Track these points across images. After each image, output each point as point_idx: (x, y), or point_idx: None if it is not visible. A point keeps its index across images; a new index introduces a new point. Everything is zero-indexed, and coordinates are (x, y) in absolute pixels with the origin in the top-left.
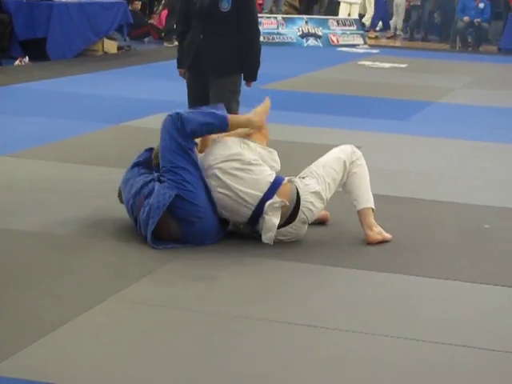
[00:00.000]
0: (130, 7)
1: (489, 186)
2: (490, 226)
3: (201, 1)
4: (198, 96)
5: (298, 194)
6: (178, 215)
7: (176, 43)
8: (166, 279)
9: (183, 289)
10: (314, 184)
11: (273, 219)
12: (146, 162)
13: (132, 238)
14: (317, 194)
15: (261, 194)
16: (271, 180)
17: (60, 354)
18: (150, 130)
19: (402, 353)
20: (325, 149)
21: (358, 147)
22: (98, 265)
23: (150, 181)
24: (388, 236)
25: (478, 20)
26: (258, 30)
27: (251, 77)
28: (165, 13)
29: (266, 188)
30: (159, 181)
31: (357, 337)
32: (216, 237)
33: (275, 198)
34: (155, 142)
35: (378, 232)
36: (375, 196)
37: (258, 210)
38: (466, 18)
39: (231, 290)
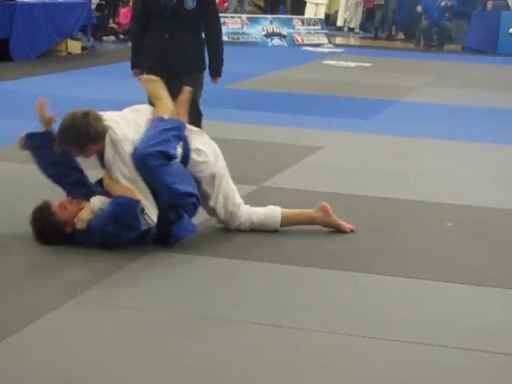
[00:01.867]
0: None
1: (453, 184)
2: (452, 223)
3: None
4: None
5: None
6: None
7: None
8: (128, 280)
9: (145, 289)
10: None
11: None
12: None
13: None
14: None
15: None
16: None
17: (20, 357)
18: None
19: (368, 352)
20: (289, 148)
21: (322, 146)
22: (60, 265)
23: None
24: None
25: (450, 3)
26: (221, 27)
27: (217, 72)
28: (124, 11)
29: None
30: None
31: (323, 336)
32: None
33: None
34: None
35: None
36: (339, 195)
37: None
38: (418, 8)
39: (194, 290)
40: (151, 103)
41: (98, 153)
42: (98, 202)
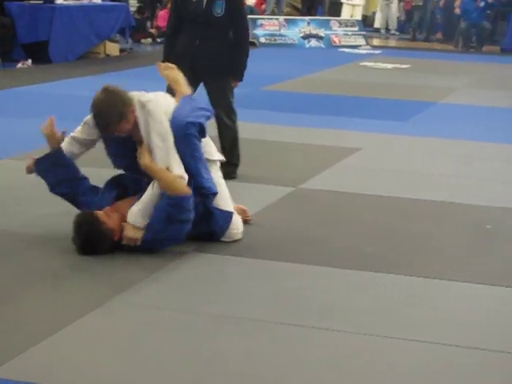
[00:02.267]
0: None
1: (491, 186)
2: (491, 226)
3: (195, 6)
4: None
5: None
6: None
7: None
8: (166, 281)
9: (180, 290)
10: None
11: None
12: None
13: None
14: None
15: None
16: None
17: (59, 357)
18: None
19: (396, 353)
20: (326, 150)
21: (359, 148)
22: (98, 267)
23: None
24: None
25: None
26: (248, 32)
27: (239, 77)
28: (162, 13)
29: None
30: None
31: (356, 338)
32: None
33: None
34: None
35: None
36: (376, 197)
37: None
38: (456, 9)
39: (229, 291)
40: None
41: (132, 128)
42: (138, 216)
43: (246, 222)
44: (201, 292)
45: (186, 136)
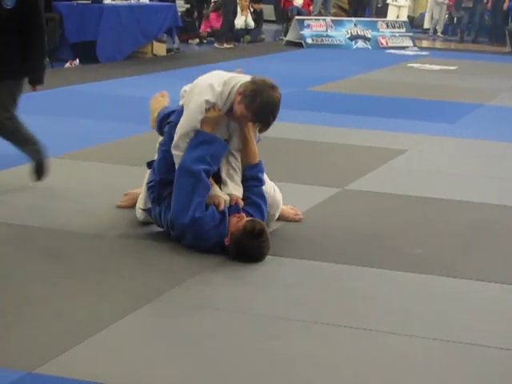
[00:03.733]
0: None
1: None
2: None
3: None
4: None
5: None
6: None
7: (225, 45)
8: (212, 281)
9: (229, 291)
10: None
11: None
12: None
13: (177, 242)
14: None
15: None
16: None
17: (106, 354)
18: None
19: (446, 357)
20: (372, 151)
21: (406, 150)
22: (143, 267)
23: None
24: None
25: None
26: (43, 31)
27: (35, 80)
28: (213, 15)
29: None
30: None
31: (402, 340)
32: None
33: None
34: None
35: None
36: (423, 198)
37: None
38: (505, 5)
39: (274, 292)
40: None
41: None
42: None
43: (296, 220)
44: (253, 292)
45: None
